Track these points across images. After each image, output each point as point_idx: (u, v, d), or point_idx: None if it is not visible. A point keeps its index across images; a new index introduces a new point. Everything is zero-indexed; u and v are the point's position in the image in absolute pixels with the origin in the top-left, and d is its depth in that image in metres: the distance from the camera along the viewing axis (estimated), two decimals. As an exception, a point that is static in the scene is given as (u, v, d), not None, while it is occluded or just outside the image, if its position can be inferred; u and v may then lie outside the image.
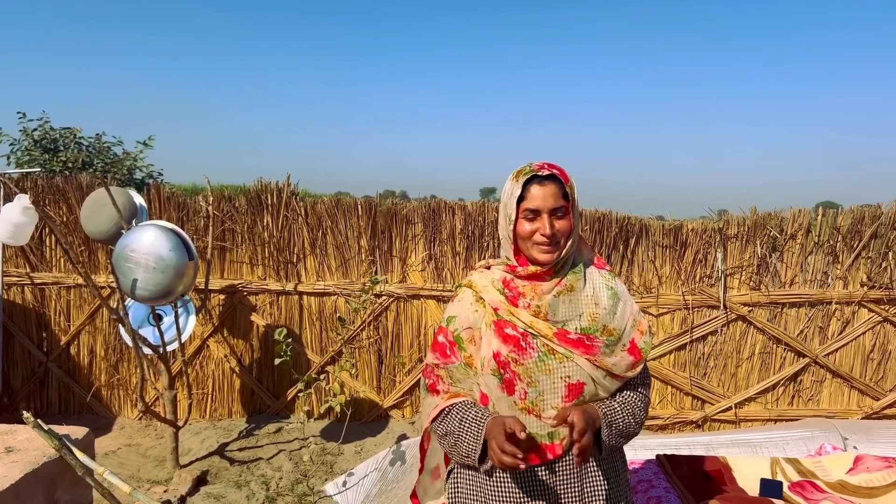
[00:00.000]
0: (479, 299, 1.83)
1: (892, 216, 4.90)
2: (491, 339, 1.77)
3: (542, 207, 1.72)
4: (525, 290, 1.78)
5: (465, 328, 1.82)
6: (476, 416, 1.73)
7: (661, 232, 4.98)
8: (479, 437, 1.70)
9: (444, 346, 1.85)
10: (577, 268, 1.82)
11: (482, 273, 1.88)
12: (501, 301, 1.79)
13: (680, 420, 5.08)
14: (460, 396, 1.81)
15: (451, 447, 1.79)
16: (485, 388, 1.79)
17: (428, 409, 1.86)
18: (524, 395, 1.72)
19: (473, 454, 1.71)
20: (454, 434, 1.76)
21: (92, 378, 5.23)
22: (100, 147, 9.69)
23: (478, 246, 5.05)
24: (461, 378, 1.84)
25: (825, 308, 4.99)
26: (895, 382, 5.09)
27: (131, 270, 3.70)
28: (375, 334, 5.14)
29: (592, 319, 1.77)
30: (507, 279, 1.82)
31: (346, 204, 5.04)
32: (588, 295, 1.80)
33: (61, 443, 2.53)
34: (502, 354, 1.74)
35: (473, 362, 1.81)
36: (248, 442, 4.82)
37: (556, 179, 1.75)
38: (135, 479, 4.19)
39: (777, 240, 4.94)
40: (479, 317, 1.81)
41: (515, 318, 1.75)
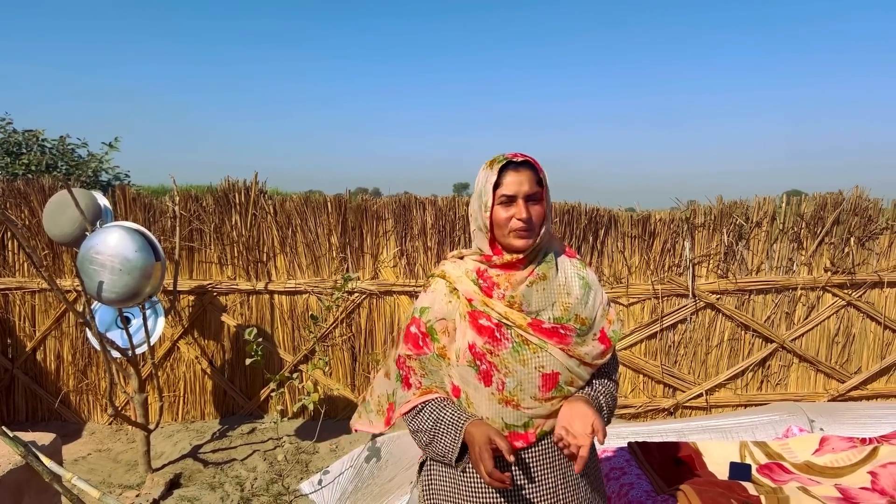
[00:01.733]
0: (452, 290, 1.82)
1: (853, 202, 5.01)
2: (466, 330, 1.77)
3: (517, 193, 1.74)
4: (499, 280, 1.79)
5: (439, 319, 1.82)
6: (453, 418, 1.74)
7: (629, 223, 5.03)
8: (458, 441, 1.71)
9: (417, 336, 1.85)
10: (548, 257, 1.83)
11: (455, 263, 1.88)
12: (476, 292, 1.79)
13: (652, 408, 5.14)
14: (432, 393, 1.80)
15: (424, 444, 1.80)
16: (459, 379, 1.79)
17: (398, 402, 1.86)
18: (502, 386, 1.73)
19: (451, 455, 1.72)
20: (428, 433, 1.76)
21: (60, 384, 5.14)
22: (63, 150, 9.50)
23: (449, 241, 5.05)
24: (434, 370, 1.83)
25: (791, 294, 5.08)
26: (859, 365, 5.21)
27: (97, 273, 3.64)
28: (348, 332, 5.12)
29: (565, 309, 1.78)
30: (480, 269, 1.82)
31: (316, 201, 5.01)
32: (560, 284, 1.81)
33: (27, 449, 2.49)
34: (477, 345, 1.74)
35: (447, 353, 1.81)
36: (222, 443, 4.78)
37: (530, 166, 1.76)
38: (106, 484, 4.13)
39: (743, 228, 5.02)
40: (452, 308, 1.81)
41: (490, 309, 1.76)
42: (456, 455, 1.72)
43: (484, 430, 1.66)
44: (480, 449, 1.63)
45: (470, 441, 1.68)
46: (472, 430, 1.69)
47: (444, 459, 1.76)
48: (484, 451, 1.62)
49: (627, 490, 2.76)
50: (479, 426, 1.69)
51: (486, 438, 1.64)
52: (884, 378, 5.24)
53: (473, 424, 1.70)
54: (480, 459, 1.62)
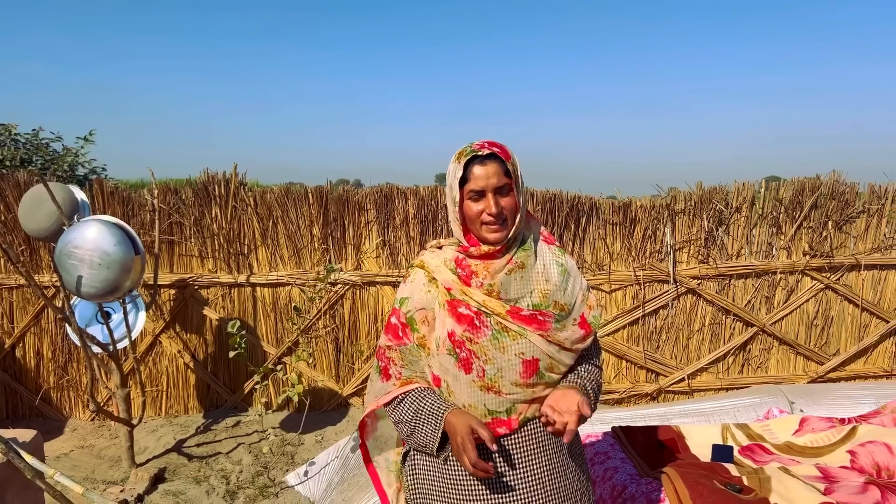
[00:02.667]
0: (431, 280, 1.83)
1: (831, 187, 5.07)
2: (445, 318, 1.77)
3: (485, 187, 1.73)
4: (478, 269, 1.79)
5: (419, 309, 1.82)
6: (433, 408, 1.74)
7: (610, 210, 5.06)
8: (438, 430, 1.71)
9: (397, 327, 1.85)
10: (527, 244, 1.83)
11: (434, 253, 1.88)
12: (454, 281, 1.79)
13: (635, 393, 5.19)
14: (413, 383, 1.81)
15: (406, 435, 1.80)
16: (439, 369, 1.79)
17: (378, 393, 1.86)
18: (482, 373, 1.73)
19: (431, 444, 1.73)
20: (409, 423, 1.77)
21: (40, 380, 5.09)
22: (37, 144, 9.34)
23: (432, 230, 5.04)
24: (414, 360, 1.84)
25: (770, 278, 5.14)
26: (838, 347, 5.29)
27: (75, 267, 3.59)
28: (332, 323, 5.11)
29: (543, 296, 1.79)
30: (459, 259, 1.82)
31: (297, 192, 4.98)
32: (539, 272, 1.81)
33: (7, 446, 2.46)
34: (457, 334, 1.74)
35: (427, 343, 1.81)
36: (206, 437, 4.76)
37: (496, 158, 1.74)
38: (90, 480, 4.10)
39: (723, 213, 5.06)
40: (431, 297, 1.81)
41: (468, 298, 1.76)
42: (437, 445, 1.73)
43: (465, 419, 1.67)
44: (463, 439, 1.64)
45: (451, 431, 1.69)
46: (452, 419, 1.69)
47: (426, 449, 1.76)
48: (466, 441, 1.63)
49: (612, 474, 2.78)
50: (459, 416, 1.70)
51: (468, 428, 1.65)
52: (862, 359, 5.32)
53: (454, 414, 1.71)
54: (463, 450, 1.63)
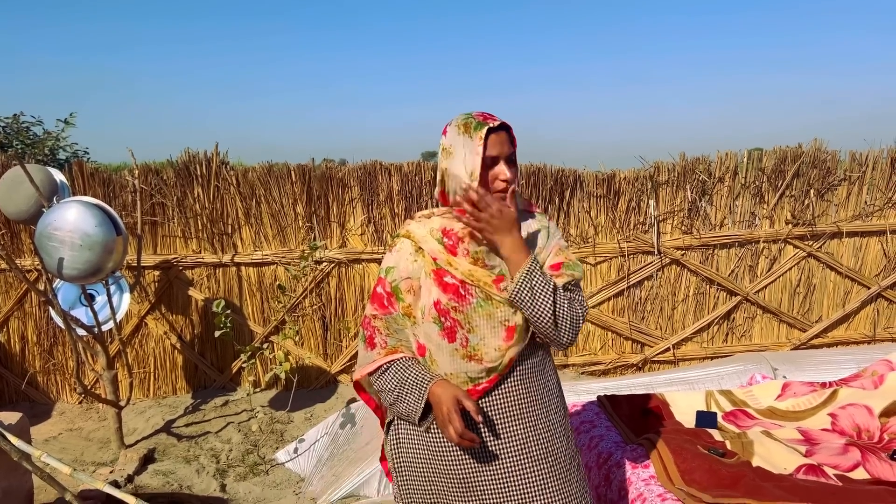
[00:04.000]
0: (417, 249, 1.84)
1: (812, 155, 5.10)
2: (431, 287, 1.78)
3: (499, 154, 1.76)
4: (465, 235, 1.80)
5: (404, 278, 1.83)
6: (417, 378, 1.76)
7: (594, 182, 5.06)
8: (421, 400, 1.74)
9: (382, 296, 1.87)
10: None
11: (420, 223, 1.89)
12: (440, 251, 1.80)
13: (621, 364, 5.24)
14: (397, 353, 1.82)
15: (390, 403, 1.82)
16: (423, 337, 1.81)
17: (364, 362, 1.88)
18: (465, 342, 1.75)
19: (414, 414, 1.75)
20: (393, 392, 1.79)
21: (26, 365, 5.06)
22: (18, 128, 9.20)
23: (416, 206, 5.03)
24: (399, 329, 1.85)
25: (753, 247, 5.18)
26: (820, 314, 5.35)
27: (56, 250, 3.56)
28: (318, 301, 5.10)
29: None
30: (446, 228, 1.83)
31: (279, 170, 4.94)
32: (526, 240, 1.82)
33: (-7, 429, 2.45)
34: (442, 302, 1.76)
35: (412, 312, 1.83)
36: (195, 417, 4.76)
37: (506, 127, 1.79)
38: (79, 462, 4.11)
39: (706, 183, 5.08)
40: (418, 266, 1.82)
41: (453, 268, 1.78)
42: (420, 415, 1.75)
43: (451, 390, 1.69)
44: (448, 410, 1.66)
45: (436, 402, 1.70)
46: (437, 390, 1.71)
47: (409, 419, 1.79)
48: (452, 412, 1.66)
49: (597, 442, 2.82)
50: (444, 386, 1.71)
51: (454, 399, 1.67)
52: (843, 326, 5.39)
53: (438, 385, 1.72)
54: (449, 421, 1.65)
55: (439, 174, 1.85)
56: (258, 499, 3.69)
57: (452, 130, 1.81)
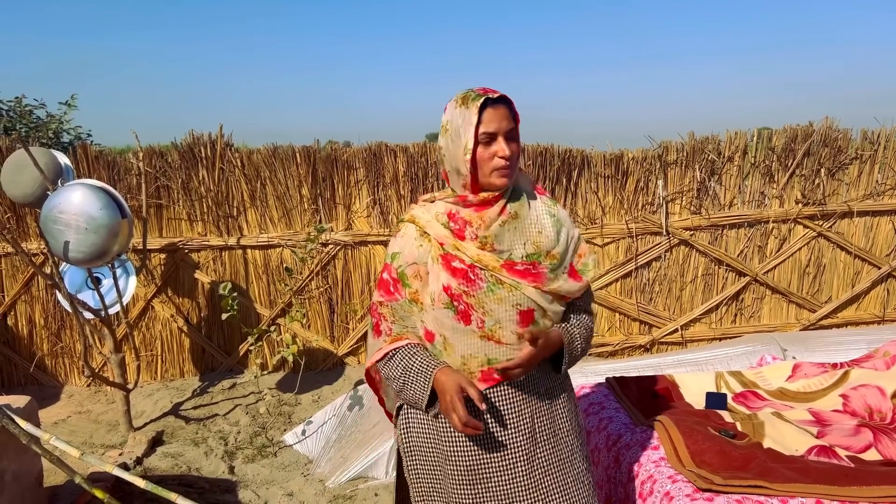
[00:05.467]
0: (423, 234, 1.81)
1: (823, 133, 5.03)
2: (439, 272, 1.75)
3: (497, 130, 1.71)
4: (471, 219, 1.77)
5: (410, 264, 1.80)
6: (422, 366, 1.74)
7: (602, 163, 5.01)
8: (427, 388, 1.72)
9: (388, 283, 1.84)
10: (519, 195, 1.81)
11: (425, 207, 1.85)
12: (447, 235, 1.77)
13: (629, 345, 5.22)
14: (403, 339, 1.80)
15: (397, 391, 1.81)
16: (433, 323, 1.78)
17: (372, 350, 1.86)
18: (482, 324, 1.73)
19: (421, 401, 1.74)
20: (399, 380, 1.77)
21: (34, 348, 5.07)
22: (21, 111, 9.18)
23: (422, 188, 5.00)
24: (405, 315, 1.83)
25: (763, 227, 5.13)
26: (830, 294, 5.31)
27: (61, 233, 3.55)
28: (325, 284, 5.09)
29: (536, 246, 1.78)
30: (452, 212, 1.80)
31: (284, 152, 4.91)
32: (532, 222, 1.80)
33: (1, 412, 2.45)
34: (452, 287, 1.73)
35: (419, 298, 1.80)
36: (203, 400, 4.77)
37: (505, 101, 1.73)
38: (88, 445, 4.12)
39: (715, 163, 5.03)
40: (424, 252, 1.79)
41: (462, 253, 1.75)
42: (426, 402, 1.73)
43: (454, 378, 1.67)
44: (452, 398, 1.64)
45: (441, 389, 1.68)
46: (441, 378, 1.69)
47: (416, 406, 1.77)
48: (456, 399, 1.63)
49: (606, 424, 2.80)
50: (448, 374, 1.69)
51: (457, 386, 1.65)
52: (854, 306, 5.36)
53: (443, 372, 1.70)
54: (453, 408, 1.63)
55: (439, 154, 1.82)
56: (266, 480, 3.70)
57: (451, 105, 1.77)
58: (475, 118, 1.69)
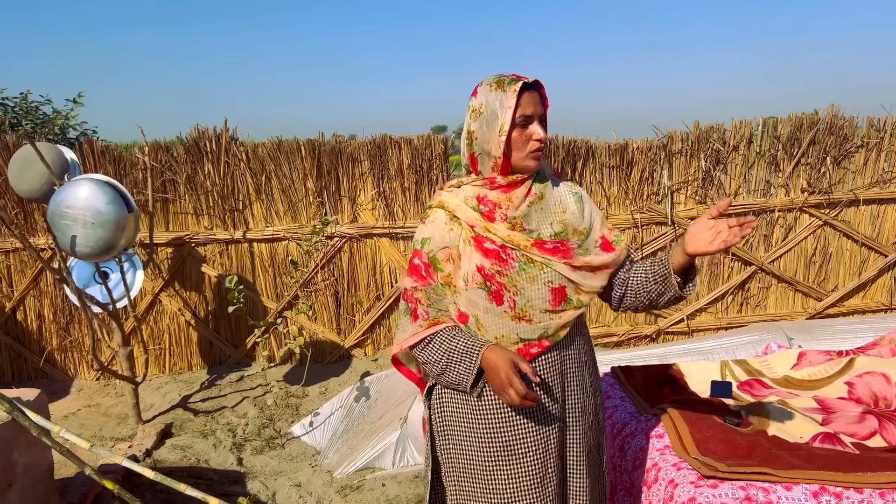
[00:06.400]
0: (453, 218, 1.84)
1: (829, 122, 5.01)
2: (472, 254, 1.80)
3: (534, 113, 1.76)
4: (500, 201, 1.81)
5: (441, 248, 1.84)
6: (467, 346, 1.77)
7: (607, 153, 5.01)
8: (473, 368, 1.75)
9: (420, 268, 1.86)
10: (543, 177, 1.88)
11: (452, 192, 1.89)
12: (477, 218, 1.81)
13: (634, 335, 5.22)
14: (440, 324, 1.83)
15: (437, 374, 1.83)
16: (466, 304, 1.82)
17: (406, 335, 1.87)
18: (513, 304, 1.78)
19: (466, 382, 1.77)
20: (440, 363, 1.80)
21: (43, 342, 5.11)
22: (27, 108, 9.21)
23: (427, 180, 5.01)
24: (439, 298, 1.86)
25: (769, 216, 5.12)
26: (836, 283, 5.30)
27: (69, 227, 3.57)
28: (331, 276, 5.11)
29: (563, 224, 1.85)
30: (480, 195, 1.84)
31: (289, 145, 4.92)
32: (556, 202, 1.87)
33: (11, 405, 2.48)
34: (486, 267, 1.78)
35: (452, 281, 1.83)
36: (211, 392, 4.81)
37: (538, 87, 1.79)
38: (98, 437, 4.16)
39: (720, 152, 5.02)
40: (455, 235, 1.83)
41: (492, 234, 1.80)
42: (471, 382, 1.77)
43: (506, 355, 1.71)
44: (507, 373, 1.67)
45: (491, 367, 1.71)
46: (491, 356, 1.72)
47: (459, 387, 1.80)
48: (512, 375, 1.67)
49: (611, 413, 2.81)
50: (498, 351, 1.73)
51: (511, 363, 1.69)
52: (860, 294, 5.34)
53: (491, 350, 1.74)
54: (510, 384, 1.67)
55: (467, 138, 1.85)
56: (275, 472, 3.73)
57: (484, 89, 1.80)
58: (513, 101, 1.73)
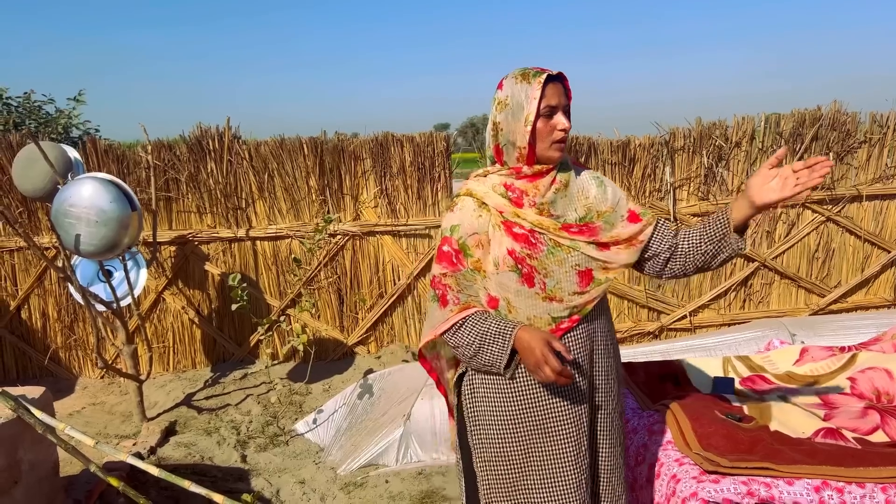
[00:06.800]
0: (481, 205, 1.89)
1: (832, 117, 5.00)
2: (502, 238, 1.85)
3: (559, 105, 1.82)
4: (527, 189, 1.87)
5: (471, 234, 1.88)
6: (499, 328, 1.80)
7: (609, 149, 5.01)
8: (507, 349, 1.78)
9: (450, 254, 1.90)
10: (567, 168, 1.93)
11: (479, 181, 1.94)
12: (505, 204, 1.87)
13: (637, 332, 5.23)
14: (471, 308, 1.86)
15: (469, 357, 1.86)
16: (497, 288, 1.86)
17: (436, 321, 1.89)
18: (543, 286, 1.84)
19: (499, 363, 1.80)
20: (473, 345, 1.82)
21: (48, 341, 5.14)
22: (30, 107, 9.22)
23: (429, 178, 5.01)
24: (469, 284, 1.90)
25: (771, 212, 5.12)
26: (839, 279, 5.30)
27: (72, 226, 3.59)
28: (334, 274, 5.12)
29: (587, 209, 1.91)
30: (507, 183, 1.89)
31: (291, 144, 4.93)
32: (579, 190, 1.93)
33: (17, 402, 2.49)
34: (516, 251, 1.84)
35: (481, 266, 1.88)
36: (215, 390, 4.82)
37: (563, 79, 1.84)
38: (102, 435, 4.18)
39: (723, 149, 5.01)
40: (484, 221, 1.88)
41: (521, 219, 1.85)
42: (504, 363, 1.80)
43: (539, 334, 1.75)
44: (543, 351, 1.70)
45: (525, 346, 1.74)
46: (524, 336, 1.76)
47: (492, 369, 1.83)
48: (548, 353, 1.70)
49: (614, 409, 2.81)
50: (530, 331, 1.76)
51: (545, 342, 1.72)
52: (863, 290, 5.34)
53: (524, 330, 1.77)
54: (546, 362, 1.70)
55: (492, 129, 1.89)
56: (279, 469, 3.74)
57: (509, 81, 1.85)
58: (538, 92, 1.78)
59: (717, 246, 1.93)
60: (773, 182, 1.85)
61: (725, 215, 1.91)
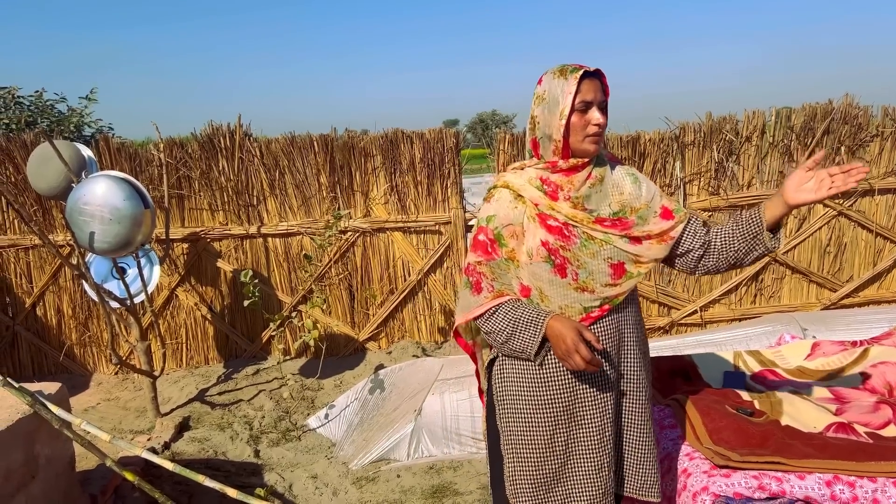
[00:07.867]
0: (517, 197, 1.94)
1: (843, 111, 4.97)
2: (536, 230, 1.90)
3: (594, 100, 1.85)
4: (562, 183, 1.91)
5: (506, 225, 1.93)
6: (531, 316, 1.84)
7: (619, 144, 5.00)
8: (538, 336, 1.82)
9: (486, 243, 1.95)
10: (603, 163, 1.97)
11: (516, 174, 1.99)
12: (541, 197, 1.91)
13: (648, 327, 5.22)
14: (504, 295, 1.90)
15: (501, 342, 1.90)
16: (530, 277, 1.91)
17: (470, 306, 1.94)
18: (576, 277, 1.89)
19: (530, 349, 1.84)
20: (505, 331, 1.87)
21: (63, 337, 5.19)
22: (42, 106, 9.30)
23: (438, 174, 5.02)
24: (502, 272, 1.94)
25: (783, 207, 5.08)
26: (851, 273, 5.27)
27: (87, 224, 3.62)
28: (344, 270, 5.15)
29: (621, 205, 1.95)
30: (543, 177, 1.93)
31: (302, 141, 4.96)
32: (613, 185, 1.97)
33: (34, 398, 2.53)
34: (550, 242, 1.88)
35: (515, 256, 1.93)
36: (228, 386, 4.86)
37: (598, 75, 1.87)
38: (117, 430, 4.23)
39: (733, 143, 5.00)
40: (519, 213, 1.93)
41: (556, 212, 1.89)
42: (535, 349, 1.84)
43: (570, 323, 1.79)
44: (574, 340, 1.75)
45: (556, 335, 1.79)
46: (555, 324, 1.80)
47: (523, 355, 1.88)
48: (578, 341, 1.74)
49: (625, 403, 2.82)
50: (562, 320, 1.80)
51: (576, 330, 1.76)
52: (875, 285, 5.31)
53: (556, 319, 1.81)
54: (576, 350, 1.74)
55: (530, 123, 1.94)
56: (291, 463, 3.77)
57: (548, 77, 1.90)
58: (574, 87, 1.82)
59: (750, 244, 1.96)
60: (810, 183, 1.89)
61: (759, 213, 1.94)
